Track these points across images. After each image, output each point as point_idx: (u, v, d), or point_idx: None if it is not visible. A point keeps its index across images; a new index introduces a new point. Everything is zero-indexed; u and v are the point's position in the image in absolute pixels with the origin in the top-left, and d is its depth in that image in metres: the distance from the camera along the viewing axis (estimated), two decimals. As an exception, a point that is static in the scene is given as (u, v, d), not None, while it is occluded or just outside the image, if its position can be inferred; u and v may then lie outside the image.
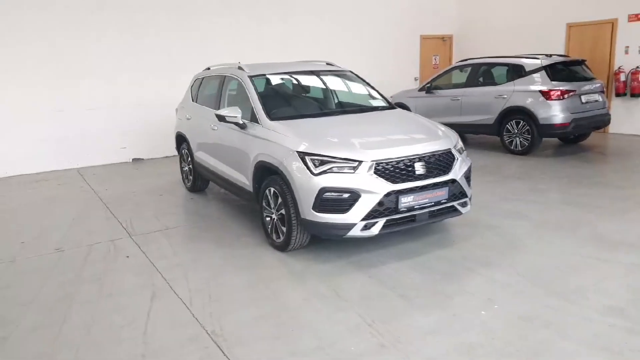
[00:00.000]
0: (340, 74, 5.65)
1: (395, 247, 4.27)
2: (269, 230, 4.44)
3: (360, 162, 3.79)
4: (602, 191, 5.91)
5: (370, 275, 3.77)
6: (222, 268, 4.04)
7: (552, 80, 8.09)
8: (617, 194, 5.74)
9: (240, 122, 4.71)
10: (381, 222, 3.81)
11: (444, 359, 2.66)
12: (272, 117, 4.57)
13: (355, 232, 3.79)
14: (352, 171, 3.78)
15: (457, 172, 4.15)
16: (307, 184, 3.83)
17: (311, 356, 2.74)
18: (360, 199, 3.74)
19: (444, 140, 4.24)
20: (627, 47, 10.01)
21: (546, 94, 8.01)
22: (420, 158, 3.97)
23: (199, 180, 6.47)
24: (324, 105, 5.33)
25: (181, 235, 4.90)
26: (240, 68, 5.36)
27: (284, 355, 2.76)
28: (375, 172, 3.79)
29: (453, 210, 4.19)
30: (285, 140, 4.15)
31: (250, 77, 5.08)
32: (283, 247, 4.27)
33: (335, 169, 3.80)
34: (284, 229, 4.17)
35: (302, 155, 3.91)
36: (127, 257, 4.39)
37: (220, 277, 3.86)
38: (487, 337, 2.86)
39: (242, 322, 3.14)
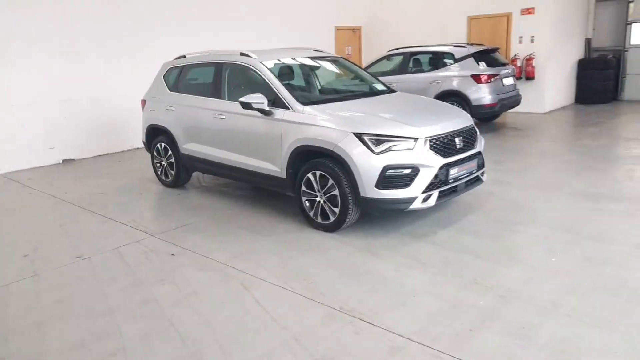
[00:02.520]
0: (335, 59, 5.83)
1: (429, 218, 4.65)
2: (313, 213, 4.51)
3: (416, 138, 4.09)
4: (550, 158, 6.98)
5: (432, 243, 4.10)
6: (287, 253, 4.04)
7: (479, 66, 9.15)
8: (562, 159, 6.83)
9: (267, 108, 4.67)
10: (436, 193, 4.16)
11: (562, 300, 3.09)
12: (301, 102, 4.62)
13: (417, 204, 4.09)
14: (411, 148, 4.06)
15: (480, 145, 4.67)
16: (369, 163, 4.01)
17: (454, 316, 2.99)
18: (419, 174, 4.04)
19: (467, 117, 4.72)
20: (521, 37, 11.61)
21: (476, 78, 9.03)
22: (459, 133, 4.40)
23: (182, 174, 6.16)
24: (339, 90, 5.47)
25: (209, 229, 4.70)
26: (244, 54, 5.25)
27: (432, 315, 2.97)
28: (430, 148, 4.12)
29: (477, 180, 4.70)
30: (333, 123, 4.26)
31: (263, 64, 5.02)
32: (333, 228, 4.40)
33: (395, 147, 4.04)
34: (336, 209, 4.29)
35: (360, 135, 4.07)
36: (173, 254, 4.13)
37: (294, 261, 3.87)
38: (575, 278, 3.39)
39: (359, 296, 3.25)
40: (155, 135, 6.35)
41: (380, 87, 5.52)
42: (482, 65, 9.17)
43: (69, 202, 5.85)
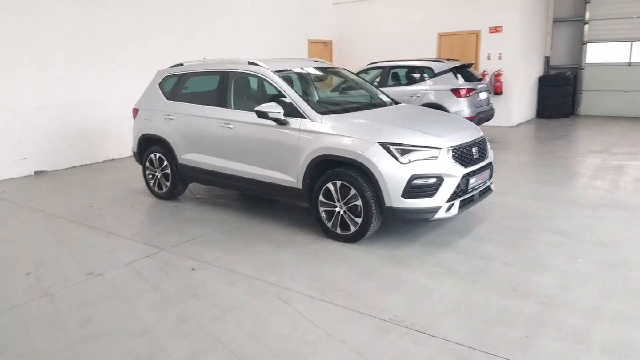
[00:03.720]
0: (338, 70, 5.85)
1: (443, 227, 4.71)
2: (331, 224, 4.46)
3: (440, 148, 4.15)
4: (532, 169, 7.29)
5: (455, 252, 4.15)
6: (313, 265, 3.96)
7: (457, 80, 9.47)
8: (544, 170, 7.14)
9: (282, 118, 4.61)
10: (457, 203, 4.23)
11: (602, 304, 3.20)
12: (317, 111, 4.59)
13: (441, 214, 4.14)
14: (435, 157, 4.11)
15: (491, 156, 4.80)
16: (395, 172, 4.03)
17: (505, 323, 3.02)
18: (443, 183, 4.10)
19: (477, 128, 4.85)
20: (489, 54, 12.13)
21: (456, 92, 9.32)
22: (475, 143, 4.51)
23: (179, 185, 5.94)
24: (349, 100, 5.47)
25: (222, 242, 4.54)
26: (253, 63, 5.17)
27: (484, 322, 2.99)
28: (452, 157, 4.19)
29: (488, 189, 4.82)
30: (355, 132, 4.25)
31: (276, 72, 4.97)
32: (353, 239, 4.36)
33: (420, 157, 4.08)
34: (358, 220, 4.26)
35: (386, 145, 4.09)
36: (193, 269, 3.95)
37: (324, 272, 3.80)
38: (605, 282, 3.52)
39: (404, 306, 3.23)
40: (149, 145, 6.10)
41: (385, 98, 5.58)
42: (461, 79, 9.48)
43: (59, 216, 5.50)
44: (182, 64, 6.02)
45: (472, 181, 4.35)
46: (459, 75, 9.54)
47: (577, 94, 13.69)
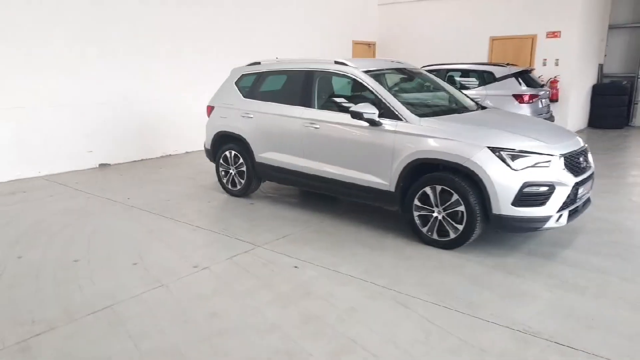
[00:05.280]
0: (419, 72, 5.75)
1: (540, 238, 4.55)
2: (427, 229, 4.36)
3: (552, 155, 4.02)
4: (606, 180, 7.08)
5: (563, 263, 4.00)
6: (417, 270, 3.87)
7: (520, 86, 9.27)
8: (622, 181, 6.91)
9: (377, 119, 4.54)
10: (566, 213, 4.08)
11: None
12: (415, 114, 4.50)
13: (551, 223, 4.00)
14: (547, 165, 3.98)
15: (593, 166, 4.64)
16: (506, 179, 3.90)
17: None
18: (555, 192, 3.96)
19: (578, 137, 4.69)
20: (545, 59, 11.85)
21: (519, 98, 9.13)
22: (581, 152, 4.36)
23: (254, 183, 5.92)
24: (439, 103, 5.37)
25: (314, 242, 4.48)
26: (340, 62, 5.11)
27: (629, 338, 2.87)
28: (564, 165, 4.05)
29: (588, 200, 4.65)
30: (462, 136, 4.14)
31: (366, 72, 4.90)
32: (452, 245, 4.25)
33: (532, 163, 3.96)
34: (459, 226, 4.15)
35: (496, 150, 3.97)
36: (296, 267, 3.91)
37: (432, 278, 3.71)
38: None
39: (534, 317, 3.12)
40: (224, 142, 6.09)
41: (470, 101, 5.44)
42: (523, 85, 9.28)
43: (139, 208, 5.53)
44: (259, 63, 5.99)
45: (581, 191, 4.21)
46: (521, 81, 9.35)
47: (633, 104, 13.29)
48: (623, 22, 13.26)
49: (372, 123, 4.58)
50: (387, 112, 4.57)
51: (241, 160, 5.88)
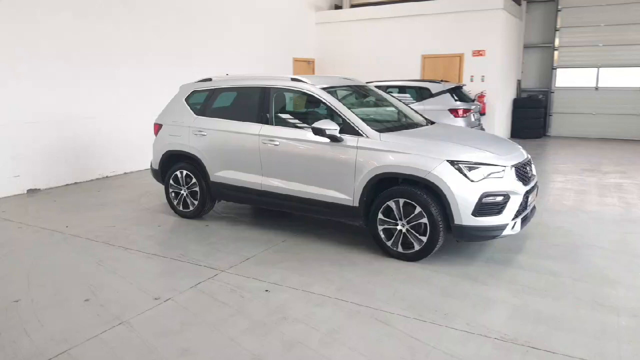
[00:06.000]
0: (370, 88, 5.87)
1: (493, 245, 4.77)
2: (391, 242, 4.42)
3: (504, 166, 4.24)
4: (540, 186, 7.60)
5: (520, 268, 4.22)
6: (388, 284, 3.89)
7: (455, 101, 9.77)
8: (551, 186, 7.46)
9: (338, 135, 4.57)
10: (519, 220, 4.32)
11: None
12: (374, 129, 4.58)
13: (507, 231, 4.21)
14: (502, 175, 4.19)
15: (536, 176, 4.95)
16: (466, 190, 4.06)
17: (614, 337, 3.08)
18: (510, 201, 4.18)
19: (522, 148, 5.00)
20: (472, 76, 12.61)
21: (454, 112, 9.61)
22: (527, 163, 4.64)
23: (208, 203, 5.72)
24: (395, 119, 5.48)
25: (280, 262, 4.38)
26: (296, 79, 5.11)
27: (597, 337, 3.04)
28: (515, 175, 4.29)
29: (534, 208, 4.94)
30: (421, 150, 4.26)
31: (324, 89, 4.93)
32: (415, 257, 4.34)
33: (488, 175, 4.15)
34: (423, 238, 4.25)
35: (455, 163, 4.12)
36: (267, 290, 3.78)
37: (404, 292, 3.74)
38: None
39: (506, 324, 3.23)
40: (174, 162, 5.85)
41: (419, 117, 5.62)
42: (457, 100, 9.79)
43: (81, 237, 5.13)
44: (210, 79, 5.84)
45: (529, 199, 4.47)
46: (455, 96, 9.86)
47: (548, 115, 14.49)
48: (536, 42, 14.48)
49: (334, 139, 4.60)
50: (347, 128, 4.61)
51: (194, 180, 5.66)
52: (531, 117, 13.90)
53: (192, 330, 3.19)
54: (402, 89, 10.43)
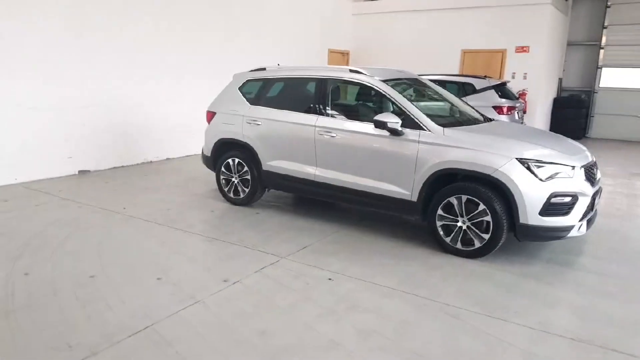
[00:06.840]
0: (426, 83, 5.80)
1: (549, 247, 4.69)
2: (450, 239, 4.39)
3: (574, 166, 4.16)
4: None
5: (583, 270, 4.15)
6: (450, 279, 3.88)
7: (500, 98, 9.61)
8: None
9: (399, 129, 4.55)
10: (585, 222, 4.24)
11: None
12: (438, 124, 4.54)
13: (574, 232, 4.14)
14: (571, 175, 4.12)
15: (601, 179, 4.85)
16: (535, 189, 4.00)
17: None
18: (578, 202, 4.11)
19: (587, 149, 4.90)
20: (514, 73, 12.37)
21: (498, 109, 9.45)
22: (594, 164, 4.55)
23: (258, 191, 5.77)
24: (453, 114, 5.42)
25: (337, 252, 4.40)
26: (355, 71, 5.09)
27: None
28: (584, 176, 4.21)
29: (596, 211, 4.84)
30: (489, 146, 4.21)
31: (385, 82, 4.90)
32: (476, 255, 4.31)
33: (557, 174, 4.08)
34: (485, 236, 4.21)
35: (524, 161, 4.06)
36: (330, 279, 3.81)
37: (469, 288, 3.73)
38: None
39: (579, 324, 3.19)
40: (227, 150, 5.91)
41: (477, 114, 5.54)
42: (502, 97, 9.62)
43: (140, 218, 5.24)
44: (264, 69, 5.87)
45: (596, 201, 4.38)
46: (500, 93, 9.69)
47: (589, 116, 14.12)
48: (581, 40, 14.09)
49: (394, 132, 4.58)
50: (408, 121, 4.58)
51: (245, 168, 5.71)
52: (571, 118, 13.57)
53: (265, 313, 3.25)
54: (441, 84, 10.30)
